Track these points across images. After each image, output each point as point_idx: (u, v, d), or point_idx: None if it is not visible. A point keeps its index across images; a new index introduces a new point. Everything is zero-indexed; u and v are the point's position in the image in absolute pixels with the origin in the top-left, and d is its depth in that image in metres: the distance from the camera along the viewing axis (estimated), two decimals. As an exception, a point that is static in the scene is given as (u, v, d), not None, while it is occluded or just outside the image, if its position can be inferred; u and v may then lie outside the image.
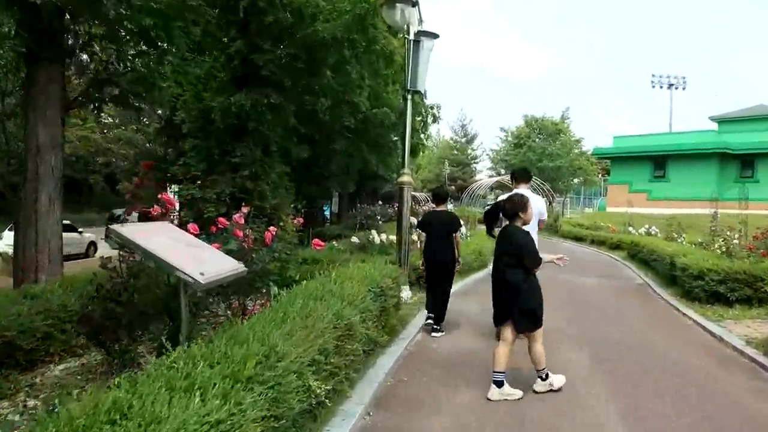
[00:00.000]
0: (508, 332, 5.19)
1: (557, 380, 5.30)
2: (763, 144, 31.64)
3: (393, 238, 11.49)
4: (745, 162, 32.79)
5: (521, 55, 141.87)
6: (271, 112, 12.68)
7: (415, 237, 11.88)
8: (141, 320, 4.22)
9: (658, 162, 34.94)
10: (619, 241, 21.45)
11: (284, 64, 12.89)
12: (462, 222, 8.76)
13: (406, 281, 9.17)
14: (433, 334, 7.41)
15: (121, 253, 4.47)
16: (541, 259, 5.19)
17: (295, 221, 8.19)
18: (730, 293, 9.14)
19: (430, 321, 7.61)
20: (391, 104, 20.49)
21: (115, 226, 3.37)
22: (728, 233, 15.06)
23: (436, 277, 7.73)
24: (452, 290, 8.14)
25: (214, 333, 3.99)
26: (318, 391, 3.81)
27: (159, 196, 4.93)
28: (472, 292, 11.01)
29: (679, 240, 17.36)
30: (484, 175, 66.69)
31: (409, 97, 9.19)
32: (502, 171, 53.95)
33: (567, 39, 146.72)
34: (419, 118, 26.46)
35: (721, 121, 35.39)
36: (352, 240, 11.49)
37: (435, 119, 24.72)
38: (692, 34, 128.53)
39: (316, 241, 7.61)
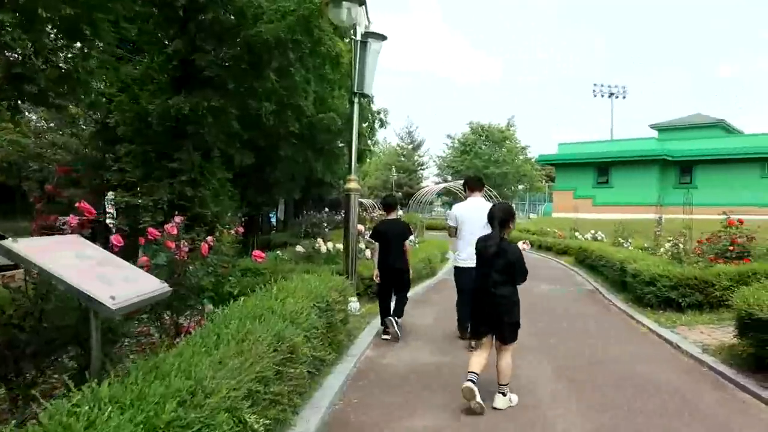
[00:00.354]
0: (488, 343, 5.09)
1: (515, 397, 5.09)
2: (701, 151, 32.63)
3: (340, 246, 11.03)
4: (684, 168, 33.74)
5: (467, 64, 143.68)
6: (212, 116, 12.08)
7: (363, 245, 11.48)
8: (48, 350, 3.63)
9: (602, 168, 35.64)
10: (567, 246, 21.56)
11: (226, 65, 12.32)
12: (411, 229, 8.73)
13: (354, 292, 8.74)
14: (384, 336, 7.51)
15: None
16: (527, 271, 5.14)
17: (234, 230, 7.62)
18: (681, 299, 9.04)
19: (386, 338, 7.55)
20: (337, 109, 20.03)
21: (6, 241, 2.81)
22: (675, 238, 15.29)
23: (392, 286, 7.82)
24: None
25: (137, 360, 3.45)
26: (256, 426, 3.32)
27: (76, 204, 4.34)
28: (424, 302, 10.67)
29: (626, 245, 17.51)
30: (430, 181, 66.84)
31: (356, 100, 8.78)
32: (449, 177, 54.19)
33: (511, 49, 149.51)
34: (366, 124, 26.09)
35: (661, 129, 36.40)
36: (296, 249, 10.95)
37: (382, 124, 24.37)
38: (631, 45, 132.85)
39: (256, 252, 7.07)
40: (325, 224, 23.13)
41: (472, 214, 7.03)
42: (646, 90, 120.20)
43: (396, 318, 7.59)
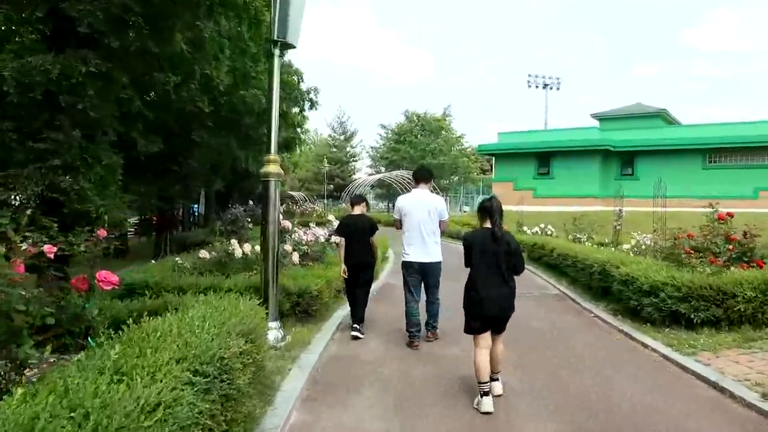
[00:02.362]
0: (487, 339, 5.10)
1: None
2: (642, 141, 31.80)
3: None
4: (626, 159, 32.86)
5: (399, 60, 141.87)
6: (94, 85, 9.43)
7: (289, 247, 9.18)
8: None
9: (543, 159, 34.37)
10: (521, 241, 19.82)
11: (112, 19, 9.66)
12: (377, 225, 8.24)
13: (276, 314, 6.44)
14: (353, 332, 7.25)
15: None
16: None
17: (97, 233, 5.20)
18: (693, 313, 7.19)
19: (355, 332, 7.27)
20: (262, 87, 17.50)
21: None
22: (650, 234, 13.67)
23: (357, 282, 7.58)
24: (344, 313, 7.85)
25: None
26: None
27: None
28: (369, 325, 8.45)
29: (584, 241, 15.83)
30: (363, 173, 64.73)
31: (276, 52, 6.43)
32: (383, 169, 52.17)
33: (445, 43, 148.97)
34: (296, 109, 23.63)
35: (603, 118, 35.47)
36: (200, 255, 8.48)
37: (313, 105, 21.93)
38: (565, 37, 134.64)
39: (102, 275, 4.55)
40: (249, 220, 20.67)
41: (416, 206, 6.96)
42: (575, 82, 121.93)
43: (358, 327, 7.38)
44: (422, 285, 7.18)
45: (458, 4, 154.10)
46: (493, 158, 40.34)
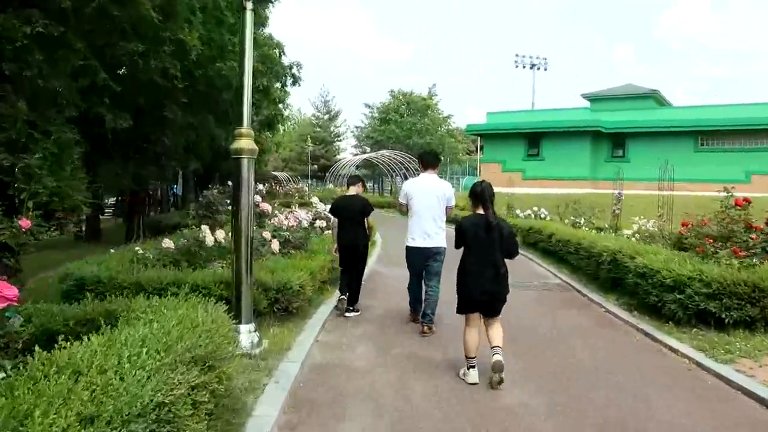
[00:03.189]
0: (477, 319, 5.19)
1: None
2: (634, 123, 31.02)
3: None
4: (617, 141, 32.09)
5: (384, 41, 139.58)
6: (42, 50, 8.34)
7: (267, 234, 8.21)
8: None
9: (533, 140, 33.47)
10: (514, 225, 18.96)
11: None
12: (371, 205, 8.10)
13: (251, 317, 5.49)
14: (347, 314, 7.46)
15: None
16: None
17: (19, 222, 4.20)
18: (724, 313, 6.36)
19: (343, 298, 7.54)
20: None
21: None
22: (655, 218, 12.89)
23: (351, 261, 7.68)
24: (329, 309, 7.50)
25: None
26: None
27: None
28: (356, 327, 7.52)
29: (582, 225, 15.00)
30: (348, 153, 63.50)
31: (249, 4, 5.38)
32: (368, 149, 51.05)
33: (428, 25, 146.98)
34: (278, 84, 22.46)
35: (593, 99, 34.59)
36: (164, 244, 7.42)
37: (295, 81, 20.77)
38: (553, 16, 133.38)
39: None
40: (228, 202, 19.67)
41: (425, 192, 6.84)
42: (563, 63, 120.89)
43: (351, 307, 7.58)
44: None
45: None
46: (481, 139, 39.41)
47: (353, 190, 7.92)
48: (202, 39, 15.00)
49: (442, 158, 55.88)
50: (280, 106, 26.58)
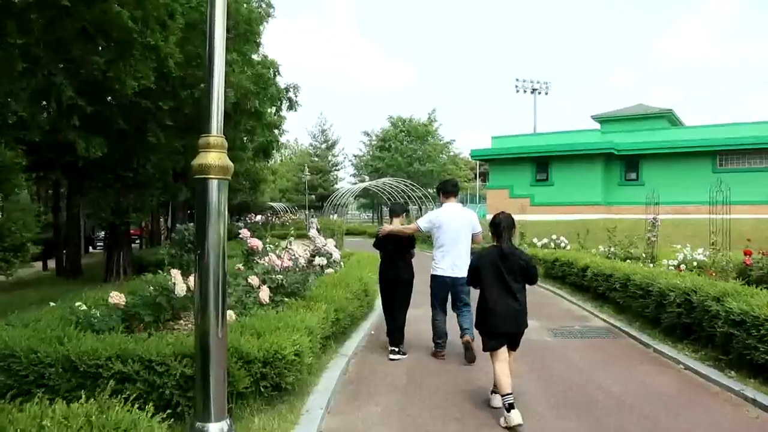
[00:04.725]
0: (505, 353, 5.07)
1: None
2: (647, 144, 29.51)
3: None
4: (630, 163, 30.52)
5: (382, 68, 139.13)
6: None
7: (254, 280, 6.52)
8: None
9: (541, 164, 31.85)
10: (533, 255, 17.25)
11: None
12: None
13: (223, 408, 3.75)
14: (391, 356, 6.86)
15: None
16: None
17: None
18: None
19: (394, 355, 6.87)
20: (227, 77, 14.79)
21: None
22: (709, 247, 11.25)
23: (395, 298, 7.10)
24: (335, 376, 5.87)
25: None
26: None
27: None
28: (368, 388, 5.79)
29: (615, 255, 13.29)
30: (346, 182, 61.97)
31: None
32: (366, 177, 49.51)
33: (427, 52, 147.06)
34: (272, 108, 20.94)
35: (604, 120, 33.11)
36: (111, 300, 5.61)
37: (291, 105, 19.20)
38: (553, 41, 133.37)
39: None
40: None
41: (452, 220, 6.82)
42: (564, 86, 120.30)
43: (395, 348, 6.96)
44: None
45: (438, 13, 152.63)
46: (486, 164, 37.85)
47: (397, 222, 7.36)
48: (188, 55, 13.54)
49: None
50: (276, 132, 24.99)
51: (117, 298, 5.17)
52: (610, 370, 6.43)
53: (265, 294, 6.05)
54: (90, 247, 34.53)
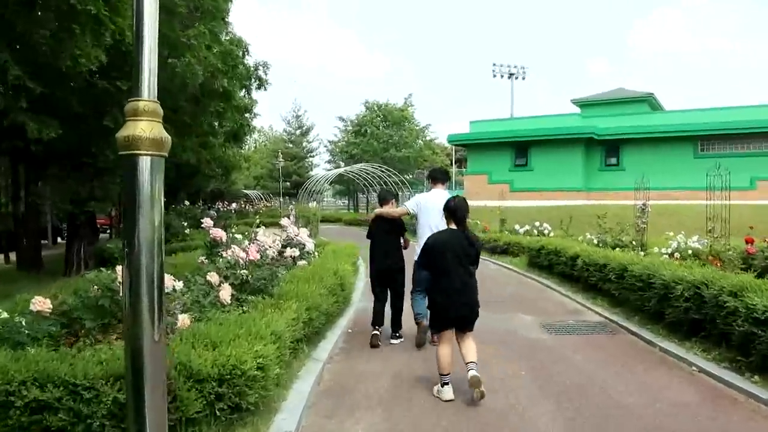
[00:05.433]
0: (451, 335, 5.12)
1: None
2: (628, 129, 29.03)
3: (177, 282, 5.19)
4: (611, 148, 30.04)
5: (357, 56, 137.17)
6: None
7: (214, 277, 5.70)
8: None
9: (520, 149, 31.22)
10: (508, 243, 16.69)
11: None
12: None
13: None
14: (392, 340, 7.02)
15: None
16: None
17: None
18: None
19: (376, 333, 6.91)
20: (197, 55, 13.78)
21: None
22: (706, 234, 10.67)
23: (386, 290, 7.18)
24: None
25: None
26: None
27: None
28: (349, 399, 5.03)
29: (606, 243, 12.68)
30: (321, 169, 60.86)
31: None
32: (342, 163, 48.55)
33: (406, 39, 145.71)
34: (242, 91, 19.93)
35: (584, 104, 32.53)
36: (33, 307, 4.74)
37: (261, 84, 18.22)
38: (530, 26, 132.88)
39: None
40: (185, 224, 17.19)
41: (434, 205, 6.69)
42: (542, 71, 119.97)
43: (396, 333, 7.11)
44: None
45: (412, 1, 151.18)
46: (464, 150, 37.17)
47: (386, 208, 7.42)
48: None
49: (424, 170, 54.15)
50: (247, 116, 23.98)
51: (41, 304, 4.30)
52: (620, 375, 5.73)
53: (226, 293, 5.24)
54: (58, 238, 33.16)
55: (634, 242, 12.48)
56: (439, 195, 6.86)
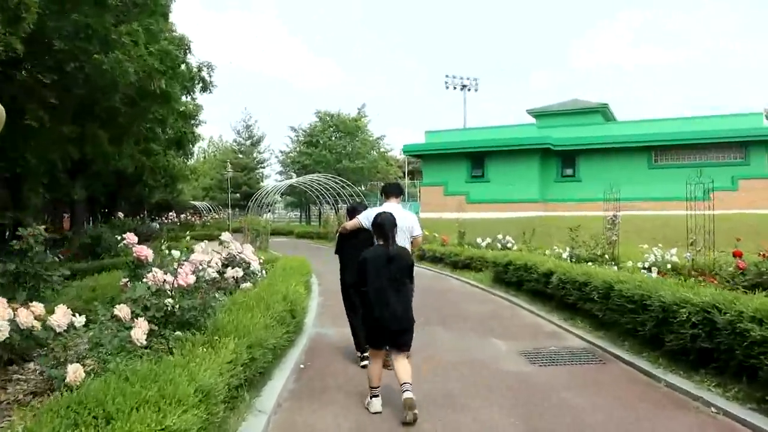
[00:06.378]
0: (382, 353, 5.06)
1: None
2: (583, 139, 28.68)
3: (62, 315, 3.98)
4: (567, 159, 29.65)
5: (307, 68, 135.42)
6: None
7: (123, 310, 4.48)
8: None
9: (476, 159, 30.50)
10: (470, 257, 15.74)
11: None
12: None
13: None
14: (364, 363, 6.15)
15: None
16: None
17: None
18: None
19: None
20: (132, 54, 12.43)
21: None
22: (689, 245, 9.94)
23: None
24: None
25: None
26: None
27: None
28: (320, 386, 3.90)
29: (578, 257, 11.87)
30: (272, 180, 59.19)
31: None
32: (294, 174, 47.13)
33: (357, 51, 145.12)
34: (186, 97, 18.56)
35: (540, 114, 32.08)
36: None
37: (205, 86, 16.91)
38: (481, 36, 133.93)
39: None
40: (119, 238, 15.63)
41: None
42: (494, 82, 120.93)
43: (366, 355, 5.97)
44: None
45: (360, 9, 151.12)
46: (419, 161, 36.35)
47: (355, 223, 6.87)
48: (76, 24, 11.29)
49: (377, 183, 53.18)
50: (192, 122, 22.56)
51: None
52: (632, 423, 4.74)
53: (140, 332, 4.03)
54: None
55: (607, 255, 11.73)
56: (393, 208, 6.38)
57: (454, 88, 57.00)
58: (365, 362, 6.07)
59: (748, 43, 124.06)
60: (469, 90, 57.32)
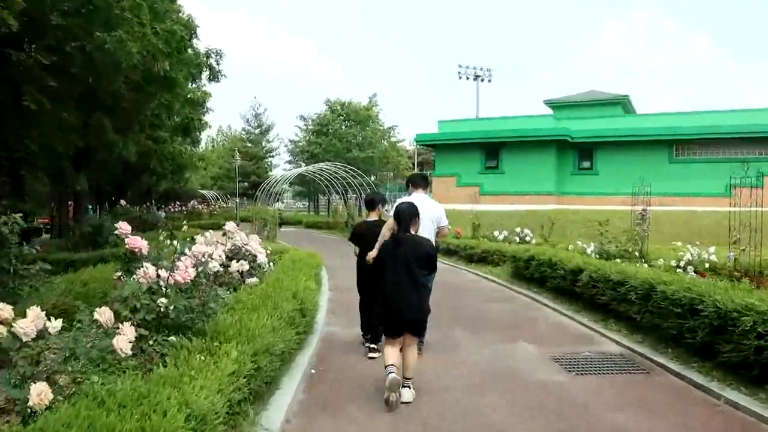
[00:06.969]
0: (399, 340, 5.01)
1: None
2: (602, 131, 27.76)
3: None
4: (584, 151, 28.76)
5: (317, 60, 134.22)
6: None
7: (105, 315, 3.81)
8: None
9: (491, 150, 29.67)
10: (486, 251, 15.04)
11: None
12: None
13: None
14: (370, 354, 6.36)
15: None
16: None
17: None
18: None
19: (373, 346, 6.44)
20: (134, 32, 11.75)
21: None
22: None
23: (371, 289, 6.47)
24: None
25: None
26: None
27: None
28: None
29: (608, 254, 11.17)
30: (281, 169, 58.47)
31: None
32: (302, 164, 46.41)
33: (368, 36, 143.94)
34: (193, 84, 17.91)
35: (557, 105, 31.17)
36: None
37: (213, 74, 16.24)
38: (494, 28, 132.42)
39: None
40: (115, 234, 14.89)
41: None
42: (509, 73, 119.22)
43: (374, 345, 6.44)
44: None
45: (360, 9, 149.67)
46: (431, 151, 35.57)
47: (374, 215, 7.14)
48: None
49: (388, 172, 52.42)
50: (200, 109, 21.92)
51: None
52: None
53: (123, 340, 3.39)
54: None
55: (637, 253, 11.05)
56: (421, 200, 6.43)
57: (467, 78, 56.01)
58: (372, 354, 6.32)
59: None
60: (482, 80, 56.32)
